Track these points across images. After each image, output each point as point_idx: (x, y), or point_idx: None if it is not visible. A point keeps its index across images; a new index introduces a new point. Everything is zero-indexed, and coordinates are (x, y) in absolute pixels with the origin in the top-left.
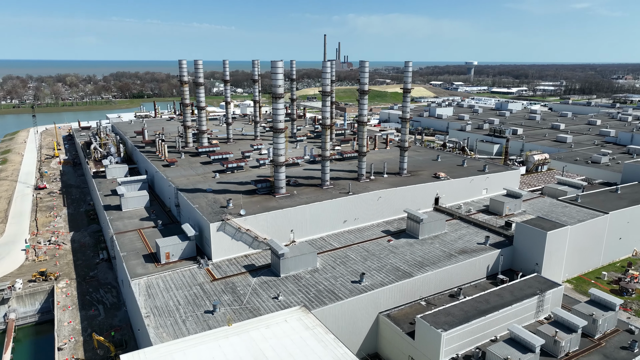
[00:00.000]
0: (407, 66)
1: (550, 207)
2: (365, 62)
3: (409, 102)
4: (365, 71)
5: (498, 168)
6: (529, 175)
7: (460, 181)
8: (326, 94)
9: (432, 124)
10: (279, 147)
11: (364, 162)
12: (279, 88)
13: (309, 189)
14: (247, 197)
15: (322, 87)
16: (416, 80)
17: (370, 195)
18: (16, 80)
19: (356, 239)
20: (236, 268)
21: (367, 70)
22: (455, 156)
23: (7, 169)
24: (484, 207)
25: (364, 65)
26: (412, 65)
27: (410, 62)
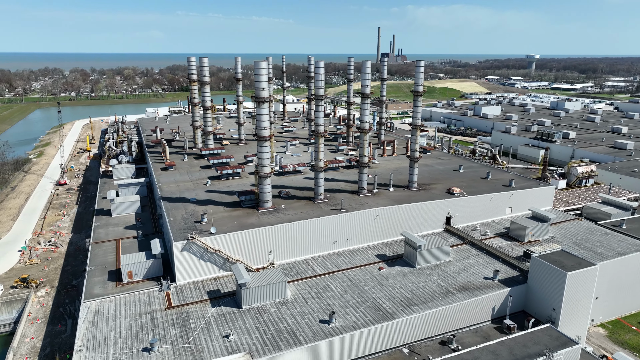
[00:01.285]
0: (418, 65)
1: (587, 233)
2: (421, 62)
3: (420, 106)
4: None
5: (528, 183)
6: (569, 191)
7: (477, 198)
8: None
9: (476, 124)
10: (264, 156)
11: (364, 174)
12: (263, 91)
13: (300, 203)
14: (228, 211)
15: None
16: (471, 75)
17: (366, 214)
18: (76, 74)
19: (344, 263)
20: (198, 294)
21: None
22: (482, 166)
23: (39, 163)
24: (505, 230)
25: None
26: (423, 64)
27: (422, 62)
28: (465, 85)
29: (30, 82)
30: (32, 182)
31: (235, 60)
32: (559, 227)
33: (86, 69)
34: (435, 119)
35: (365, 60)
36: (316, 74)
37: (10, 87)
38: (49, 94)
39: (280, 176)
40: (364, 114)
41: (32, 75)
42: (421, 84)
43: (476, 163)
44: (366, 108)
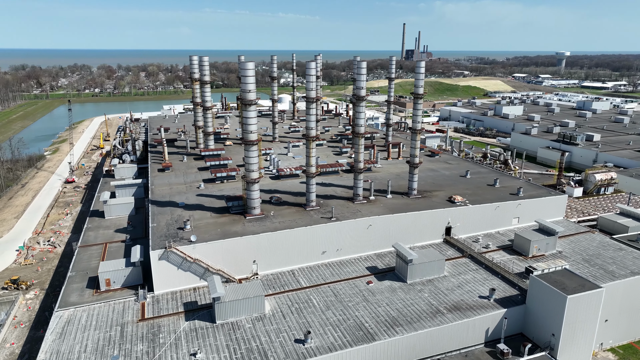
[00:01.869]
0: (418, 66)
1: (599, 248)
2: (421, 62)
3: (420, 109)
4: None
5: (538, 191)
6: (586, 199)
7: (480, 208)
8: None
9: (496, 125)
10: (251, 161)
11: (360, 181)
12: (249, 93)
13: (290, 210)
14: (215, 217)
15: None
16: (497, 73)
17: (358, 223)
18: (101, 70)
19: (331, 276)
20: (174, 305)
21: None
22: (491, 171)
23: (52, 160)
24: (509, 243)
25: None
26: (423, 65)
27: (422, 62)
28: (490, 83)
29: (58, 78)
30: (42, 179)
31: (238, 58)
32: (568, 240)
33: (114, 65)
34: (455, 118)
35: (361, 60)
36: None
37: (38, 83)
38: (74, 90)
39: (277, 180)
40: (358, 117)
41: (60, 71)
42: (421, 85)
43: (485, 168)
44: (361, 111)
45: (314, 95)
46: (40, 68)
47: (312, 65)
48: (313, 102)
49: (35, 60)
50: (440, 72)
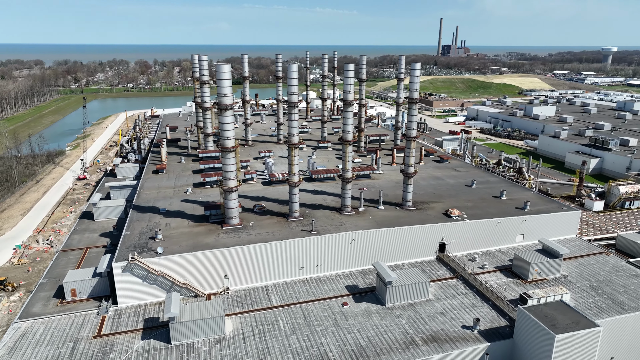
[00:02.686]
0: (413, 68)
1: (611, 273)
2: (417, 65)
3: (415, 115)
4: (356, 70)
5: (549, 205)
6: (607, 214)
7: (479, 223)
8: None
9: (525, 126)
10: (228, 169)
11: (347, 191)
12: (226, 97)
13: (272, 221)
14: (192, 226)
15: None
16: (536, 70)
17: (339, 237)
18: (136, 65)
19: (306, 294)
20: (135, 321)
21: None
22: (501, 181)
23: (71, 155)
24: (509, 263)
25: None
26: (419, 67)
27: (418, 64)
28: (526, 80)
29: (96, 73)
30: (56, 175)
31: (242, 57)
32: (577, 262)
33: (150, 60)
34: (482, 118)
35: (348, 63)
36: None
37: (75, 78)
38: (107, 86)
39: (268, 186)
40: (347, 124)
41: (99, 67)
42: (416, 89)
43: (496, 177)
44: (349, 117)
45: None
46: (81, 63)
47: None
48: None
49: (78, 56)
50: (475, 68)
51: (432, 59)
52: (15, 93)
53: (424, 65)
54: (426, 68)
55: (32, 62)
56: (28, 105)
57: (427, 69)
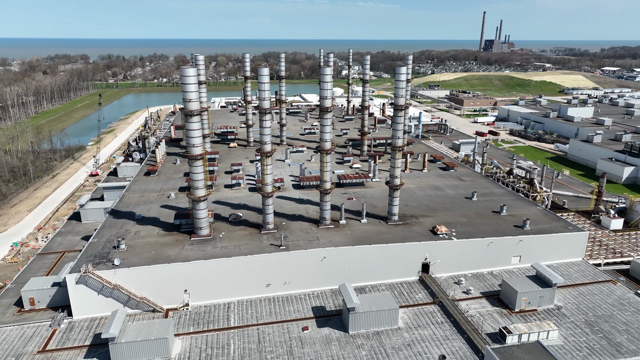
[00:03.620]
0: (398, 72)
1: (614, 306)
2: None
3: (401, 122)
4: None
5: (552, 225)
6: (627, 234)
7: (468, 243)
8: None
9: (557, 128)
10: (196, 177)
11: (326, 202)
12: (191, 103)
13: (244, 232)
14: (161, 235)
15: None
16: (583, 66)
17: (310, 254)
18: (170, 60)
19: (268, 314)
20: (84, 336)
21: (405, 73)
22: (507, 193)
23: (91, 150)
24: (499, 289)
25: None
26: (404, 72)
27: (403, 68)
28: (569, 78)
29: (135, 67)
30: (72, 171)
31: (243, 56)
32: (578, 291)
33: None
34: (513, 119)
35: (325, 67)
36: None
37: (113, 73)
38: (142, 80)
39: (254, 192)
40: (324, 131)
41: (138, 61)
42: (401, 95)
43: (502, 189)
44: (326, 124)
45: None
46: (123, 58)
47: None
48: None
49: (122, 50)
50: (517, 64)
51: (473, 54)
52: (52, 88)
53: (462, 61)
54: (465, 64)
55: (78, 57)
56: (65, 99)
57: (466, 65)
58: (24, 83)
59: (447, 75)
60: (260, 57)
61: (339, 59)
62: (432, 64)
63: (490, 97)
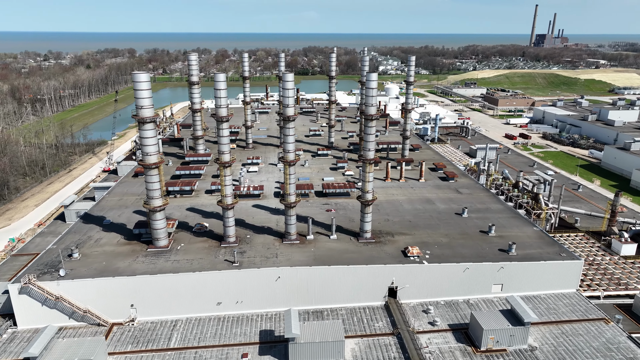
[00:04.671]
0: (369, 79)
1: (599, 351)
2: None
3: (373, 133)
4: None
5: (542, 250)
6: (639, 262)
7: (440, 268)
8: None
9: (595, 133)
10: (151, 187)
11: (291, 217)
12: (143, 110)
13: (204, 245)
14: (120, 244)
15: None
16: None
17: (263, 273)
18: (217, 54)
19: (212, 337)
20: (20, 349)
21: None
22: (504, 210)
23: (112, 145)
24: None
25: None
26: (375, 78)
27: (374, 74)
28: (622, 76)
29: (177, 61)
30: (87, 166)
31: (242, 55)
32: (561, 329)
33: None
34: (548, 121)
35: (286, 72)
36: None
37: (153, 68)
38: (179, 75)
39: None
40: (287, 141)
41: (180, 55)
42: (373, 103)
43: (501, 204)
44: (289, 134)
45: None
46: (167, 52)
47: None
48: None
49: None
50: (567, 60)
51: (521, 50)
52: (89, 82)
53: (509, 57)
54: (511, 60)
55: (125, 51)
56: (102, 93)
57: (511, 61)
58: (62, 77)
59: (487, 72)
60: (300, 52)
61: (379, 53)
62: (475, 60)
63: (529, 96)
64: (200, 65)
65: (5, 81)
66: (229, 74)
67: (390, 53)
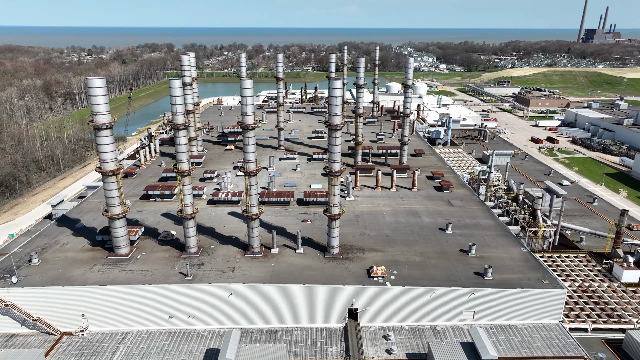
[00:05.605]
0: (333, 87)
1: None
2: (337, 82)
3: (338, 144)
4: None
5: (524, 276)
6: (639, 290)
7: (404, 291)
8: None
9: (630, 138)
10: (110, 194)
11: (253, 229)
12: (98, 115)
13: (165, 254)
14: (83, 251)
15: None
16: None
17: (214, 289)
18: (248, 49)
19: (157, 354)
20: None
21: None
22: (493, 227)
23: (131, 140)
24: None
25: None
26: (339, 86)
27: (338, 81)
28: None
29: (212, 56)
30: None
31: (239, 57)
32: None
33: (265, 44)
34: (580, 124)
35: (244, 79)
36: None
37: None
38: (210, 70)
39: (211, 205)
40: (247, 151)
41: (215, 50)
42: (337, 112)
43: (491, 220)
44: (250, 143)
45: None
46: (205, 47)
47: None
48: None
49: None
50: (616, 57)
51: (567, 46)
52: (120, 78)
53: (552, 53)
54: (554, 57)
55: (164, 45)
56: (134, 88)
57: (554, 58)
58: (93, 72)
59: (524, 70)
60: (335, 48)
61: (415, 49)
62: (515, 57)
63: (564, 96)
64: (231, 61)
65: (40, 76)
66: (259, 70)
67: (427, 49)
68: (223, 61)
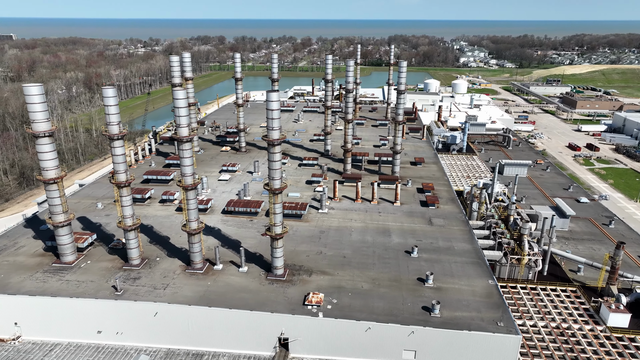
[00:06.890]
0: (274, 95)
1: None
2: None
3: (278, 159)
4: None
5: (479, 315)
6: (632, 336)
7: (339, 324)
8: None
9: None
10: (53, 202)
11: (194, 244)
12: (36, 124)
13: (109, 264)
14: (35, 255)
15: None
16: None
17: (141, 307)
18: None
19: None
20: None
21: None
22: (470, 252)
23: (140, 139)
24: None
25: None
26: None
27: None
28: None
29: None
30: None
31: (234, 57)
32: None
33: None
34: (628, 130)
35: (176, 89)
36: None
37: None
38: (251, 64)
39: (179, 212)
40: (184, 164)
41: (262, 43)
42: (275, 127)
43: (469, 245)
44: (186, 156)
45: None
46: (254, 39)
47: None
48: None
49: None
50: None
51: (638, 39)
52: (161, 71)
53: (621, 48)
54: (622, 52)
55: (216, 38)
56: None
57: (622, 53)
58: (134, 65)
59: (581, 67)
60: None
61: (468, 43)
62: (578, 52)
63: (619, 97)
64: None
65: (83, 69)
66: (299, 64)
67: (479, 43)
68: (267, 54)
